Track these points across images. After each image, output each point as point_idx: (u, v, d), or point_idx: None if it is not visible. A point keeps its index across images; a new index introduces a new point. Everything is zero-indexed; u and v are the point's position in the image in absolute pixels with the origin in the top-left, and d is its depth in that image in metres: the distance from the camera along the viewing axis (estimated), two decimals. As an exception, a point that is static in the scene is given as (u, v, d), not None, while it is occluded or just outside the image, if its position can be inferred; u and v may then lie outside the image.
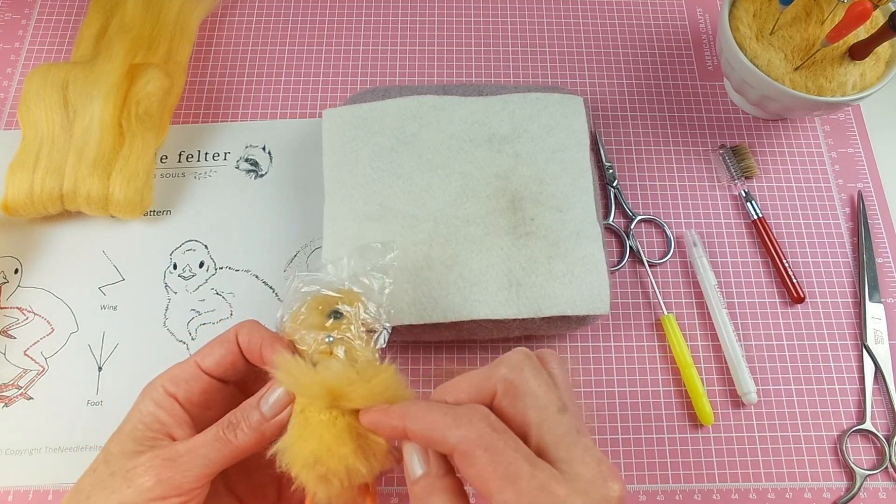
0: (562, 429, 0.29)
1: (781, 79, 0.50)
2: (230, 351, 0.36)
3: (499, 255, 0.46)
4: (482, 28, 0.61)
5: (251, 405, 0.35)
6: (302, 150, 0.55)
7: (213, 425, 0.34)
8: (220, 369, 0.36)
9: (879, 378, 0.49)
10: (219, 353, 0.36)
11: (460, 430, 0.28)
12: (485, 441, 0.28)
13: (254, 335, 0.36)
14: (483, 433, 0.28)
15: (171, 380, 0.35)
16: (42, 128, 0.50)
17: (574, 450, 0.28)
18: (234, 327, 0.37)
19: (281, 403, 0.34)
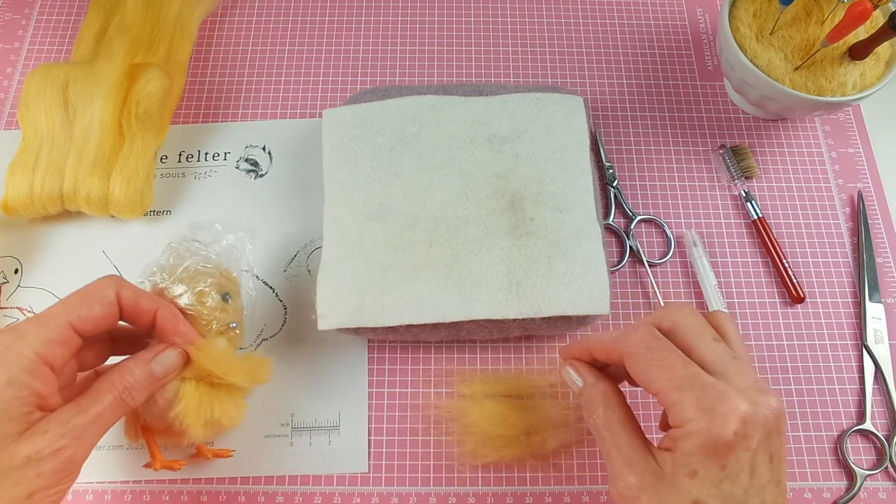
0: (717, 351, 0.33)
1: (781, 79, 0.50)
2: (110, 313, 0.35)
3: (499, 255, 0.46)
4: (482, 28, 0.61)
5: (142, 367, 0.36)
6: (302, 150, 0.55)
7: (103, 388, 0.34)
8: (94, 330, 0.35)
9: (879, 378, 0.49)
10: (97, 313, 0.35)
11: (628, 339, 0.34)
12: (646, 343, 0.34)
13: (143, 299, 0.37)
14: (645, 338, 0.34)
15: (45, 344, 0.32)
16: (42, 128, 0.50)
17: (730, 366, 0.32)
18: (109, 284, 0.36)
19: (174, 366, 0.38)
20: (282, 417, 0.47)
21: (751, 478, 0.30)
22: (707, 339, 0.34)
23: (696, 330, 0.34)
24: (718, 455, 0.30)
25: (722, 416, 0.30)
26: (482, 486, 0.45)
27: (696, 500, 0.30)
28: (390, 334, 0.46)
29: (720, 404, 0.30)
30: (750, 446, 0.30)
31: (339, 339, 0.49)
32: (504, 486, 0.45)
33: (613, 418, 0.34)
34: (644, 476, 0.32)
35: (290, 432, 0.46)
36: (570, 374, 0.38)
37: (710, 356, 0.33)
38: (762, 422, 0.30)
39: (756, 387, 0.32)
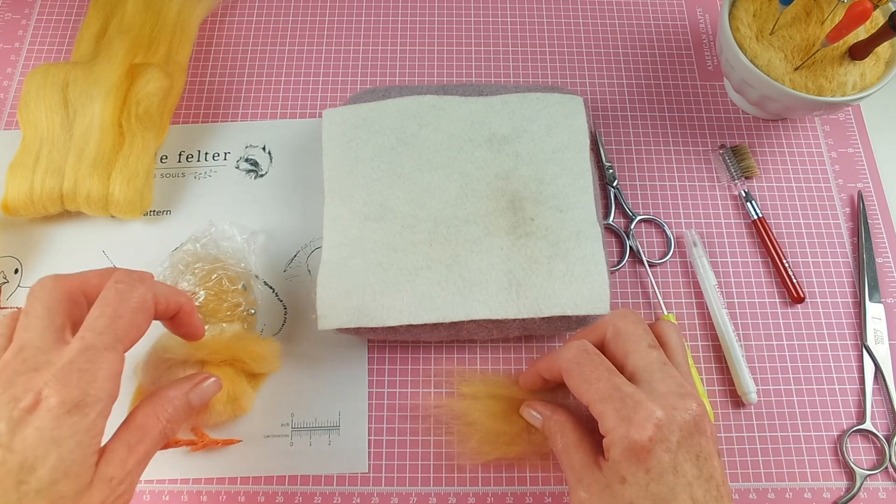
0: (648, 359, 0.35)
1: (781, 79, 0.50)
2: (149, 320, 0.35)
3: (499, 256, 0.46)
4: (482, 28, 0.61)
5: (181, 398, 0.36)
6: (302, 150, 0.55)
7: (148, 423, 0.34)
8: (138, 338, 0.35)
9: (879, 378, 0.49)
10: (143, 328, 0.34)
11: (561, 355, 0.37)
12: (576, 359, 0.36)
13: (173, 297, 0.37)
14: (575, 354, 0.37)
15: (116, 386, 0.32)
16: (42, 128, 0.50)
17: (657, 373, 0.35)
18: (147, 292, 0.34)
19: (210, 396, 0.39)
20: (282, 417, 0.47)
21: (675, 476, 0.32)
22: (642, 346, 0.36)
23: (634, 337, 0.37)
24: (640, 459, 0.32)
25: (638, 423, 0.32)
26: (482, 486, 0.45)
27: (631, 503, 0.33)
28: (390, 334, 0.46)
29: (635, 413, 0.33)
30: (670, 448, 0.32)
31: (339, 339, 0.49)
32: (504, 486, 0.45)
33: (568, 442, 0.37)
34: (591, 488, 0.34)
35: (290, 432, 0.46)
36: (530, 414, 0.40)
37: (640, 363, 0.35)
38: (679, 424, 0.33)
39: (677, 392, 0.34)
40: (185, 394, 0.37)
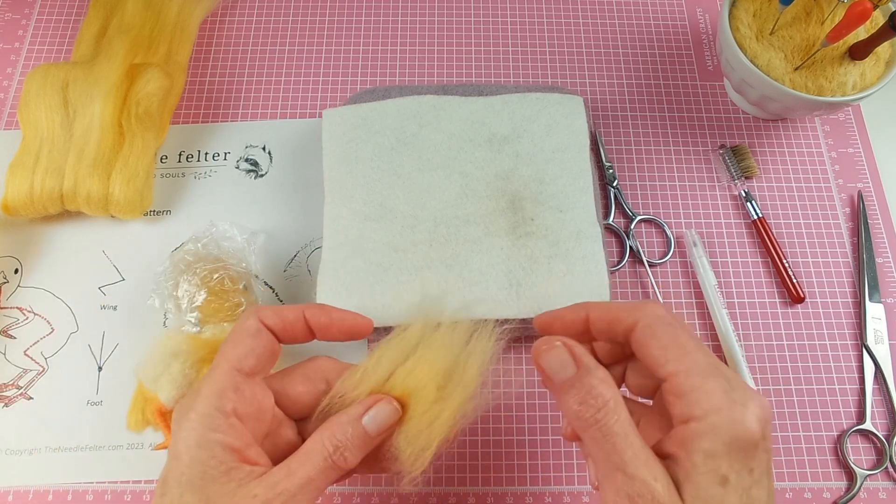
0: (706, 349, 0.29)
1: (781, 79, 0.50)
2: (264, 341, 0.33)
3: (499, 255, 0.46)
4: (482, 28, 0.61)
5: (354, 424, 0.32)
6: (302, 150, 0.55)
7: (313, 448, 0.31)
8: (261, 363, 0.33)
9: (879, 378, 0.49)
10: (251, 346, 0.32)
11: (644, 308, 0.30)
12: (666, 317, 0.30)
13: (285, 311, 0.34)
14: (664, 312, 0.30)
15: (219, 395, 0.30)
16: (42, 128, 0.50)
17: (723, 366, 0.29)
18: (248, 316, 0.33)
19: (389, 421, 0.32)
20: (282, 417, 0.47)
21: (769, 483, 0.27)
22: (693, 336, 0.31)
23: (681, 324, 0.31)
24: (747, 455, 0.26)
25: (752, 410, 0.26)
26: (482, 486, 0.45)
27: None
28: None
29: (748, 397, 0.27)
30: (768, 447, 0.27)
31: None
32: (504, 486, 0.45)
33: (625, 417, 0.28)
34: (669, 489, 0.26)
35: (290, 432, 0.46)
36: (561, 356, 0.29)
37: (705, 352, 0.29)
38: (770, 423, 0.28)
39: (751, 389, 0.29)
40: (356, 419, 0.32)
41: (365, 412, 0.32)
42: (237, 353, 0.32)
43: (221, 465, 0.29)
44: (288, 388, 0.34)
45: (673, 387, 0.28)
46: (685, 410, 0.27)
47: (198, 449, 0.29)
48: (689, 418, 0.27)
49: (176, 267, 0.46)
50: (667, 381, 0.28)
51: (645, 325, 0.29)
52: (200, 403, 0.30)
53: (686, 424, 0.27)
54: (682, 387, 0.27)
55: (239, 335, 0.33)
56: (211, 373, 0.32)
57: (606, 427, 0.28)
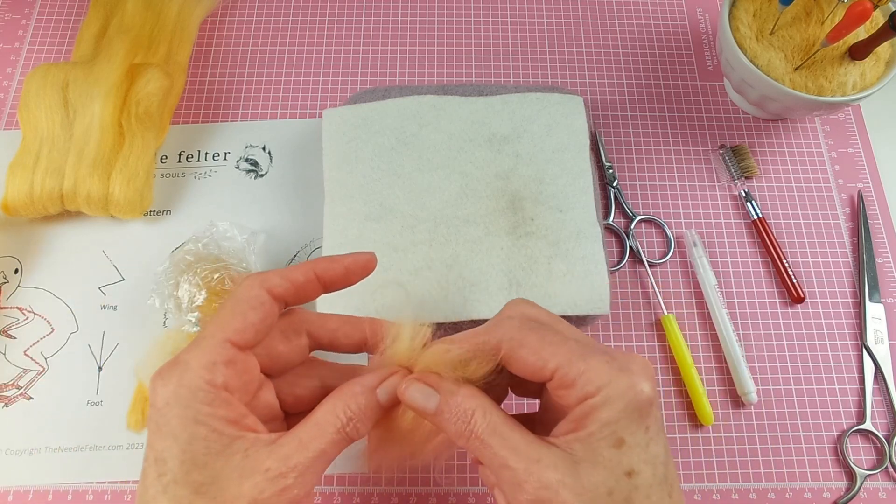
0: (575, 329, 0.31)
1: (781, 79, 0.50)
2: (268, 313, 0.31)
3: (499, 256, 0.46)
4: (482, 28, 0.61)
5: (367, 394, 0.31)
6: (302, 150, 0.55)
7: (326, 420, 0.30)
8: (259, 337, 0.31)
9: (879, 378, 0.49)
10: (253, 319, 0.30)
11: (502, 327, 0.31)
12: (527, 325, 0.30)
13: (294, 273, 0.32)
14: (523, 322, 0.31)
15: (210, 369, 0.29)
16: (42, 128, 0.50)
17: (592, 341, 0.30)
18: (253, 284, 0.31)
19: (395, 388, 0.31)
20: (282, 417, 0.47)
21: (665, 437, 0.29)
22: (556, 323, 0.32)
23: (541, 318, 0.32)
24: (642, 416, 0.28)
25: (639, 373, 0.28)
26: (482, 486, 0.45)
27: (630, 471, 0.27)
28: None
29: (632, 363, 0.28)
30: (658, 405, 0.29)
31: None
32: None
33: (496, 420, 0.29)
34: (558, 467, 0.27)
35: (290, 432, 0.46)
36: (420, 392, 0.30)
37: (574, 333, 0.31)
38: (655, 379, 0.29)
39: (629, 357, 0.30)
40: (370, 389, 0.31)
41: (380, 382, 0.31)
42: (235, 325, 0.30)
43: (223, 437, 0.28)
44: (268, 349, 0.32)
45: (560, 381, 0.29)
46: (580, 394, 0.28)
47: (196, 425, 0.28)
48: (585, 398, 0.28)
49: (176, 267, 0.46)
50: (553, 378, 0.29)
51: (510, 341, 0.30)
52: (190, 377, 0.29)
53: (582, 404, 0.28)
54: (568, 376, 0.28)
55: (240, 305, 0.31)
56: (200, 343, 0.30)
57: (479, 434, 0.29)
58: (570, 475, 0.27)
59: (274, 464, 0.28)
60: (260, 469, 0.28)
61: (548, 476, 0.27)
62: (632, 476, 0.27)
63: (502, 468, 0.28)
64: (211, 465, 0.28)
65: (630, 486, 0.27)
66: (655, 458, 0.28)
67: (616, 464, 0.27)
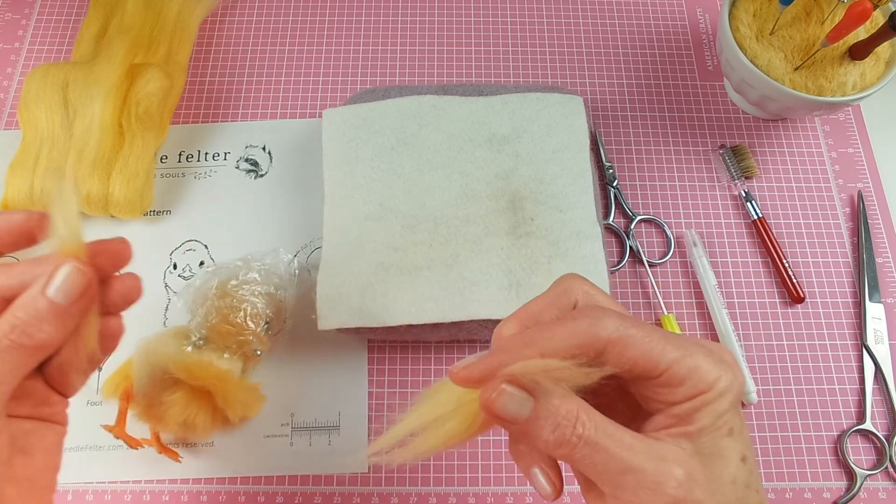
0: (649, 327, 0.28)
1: (781, 79, 0.50)
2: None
3: (499, 255, 0.46)
4: (482, 28, 0.61)
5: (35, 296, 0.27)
6: (302, 150, 0.55)
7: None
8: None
9: (879, 378, 0.49)
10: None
11: (606, 323, 0.27)
12: (630, 322, 0.27)
13: None
14: (624, 319, 0.28)
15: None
16: (42, 128, 0.50)
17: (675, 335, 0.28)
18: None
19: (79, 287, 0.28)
20: (282, 417, 0.47)
21: None
22: (641, 320, 0.31)
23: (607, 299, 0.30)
24: (739, 405, 0.28)
25: (734, 365, 0.28)
26: (482, 486, 0.45)
27: (744, 456, 0.27)
28: (390, 334, 0.46)
29: (725, 355, 0.28)
30: None
31: (339, 339, 0.49)
32: (504, 486, 0.45)
33: (601, 420, 0.27)
34: (681, 462, 0.26)
35: (290, 432, 0.46)
36: (514, 399, 0.26)
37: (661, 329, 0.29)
38: None
39: None
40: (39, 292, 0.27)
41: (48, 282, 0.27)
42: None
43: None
44: None
45: (668, 379, 0.27)
46: (689, 391, 0.27)
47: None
48: (695, 394, 0.27)
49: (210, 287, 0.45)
50: (660, 377, 0.27)
51: (618, 340, 0.27)
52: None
53: (691, 401, 0.27)
54: (678, 375, 0.27)
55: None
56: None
57: (590, 438, 0.26)
58: (697, 469, 0.26)
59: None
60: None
61: (677, 473, 0.26)
62: (745, 461, 0.27)
63: (624, 473, 0.26)
64: None
65: (746, 470, 0.27)
66: (750, 441, 0.28)
67: (733, 451, 0.27)
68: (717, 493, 0.26)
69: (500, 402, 0.26)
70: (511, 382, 0.26)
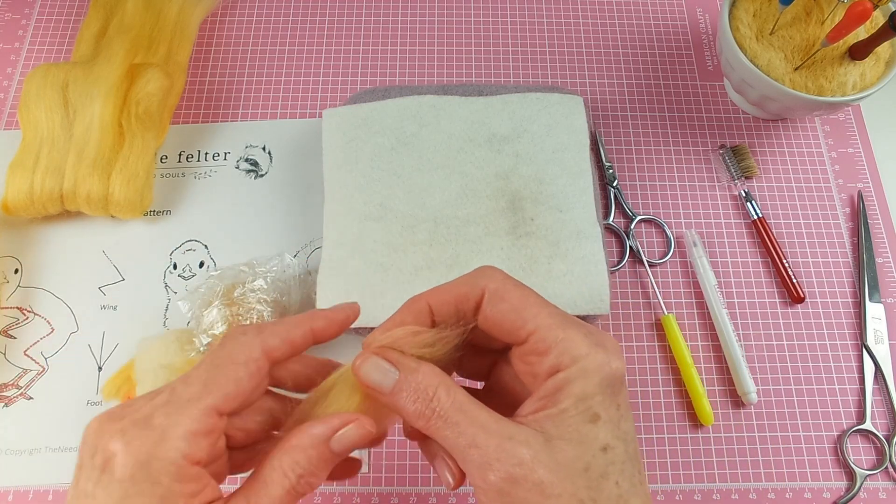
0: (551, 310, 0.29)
1: (781, 79, 0.50)
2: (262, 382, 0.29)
3: (499, 255, 0.46)
4: (482, 28, 0.61)
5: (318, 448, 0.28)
6: (302, 150, 0.55)
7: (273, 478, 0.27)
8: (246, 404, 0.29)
9: (879, 378, 0.49)
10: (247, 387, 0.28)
11: (487, 275, 0.29)
12: (512, 280, 0.29)
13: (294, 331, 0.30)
14: (506, 275, 0.29)
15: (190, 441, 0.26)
16: (42, 128, 0.50)
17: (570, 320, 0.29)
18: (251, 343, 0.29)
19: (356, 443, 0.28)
20: (282, 417, 0.47)
21: (632, 416, 0.28)
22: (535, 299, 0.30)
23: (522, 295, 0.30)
24: (615, 392, 0.27)
25: (613, 351, 0.28)
26: (482, 486, 0.45)
27: (605, 446, 0.26)
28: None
29: (607, 340, 0.28)
30: (626, 385, 0.28)
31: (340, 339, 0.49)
32: (504, 486, 0.45)
33: (461, 398, 0.27)
34: (531, 444, 0.26)
35: (290, 432, 0.46)
36: (377, 368, 0.28)
37: (550, 305, 0.29)
38: None
39: None
40: (322, 441, 0.28)
41: (333, 433, 0.28)
42: (226, 390, 0.27)
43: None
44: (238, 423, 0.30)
45: (534, 345, 0.28)
46: (553, 363, 0.27)
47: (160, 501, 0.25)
48: (559, 369, 0.27)
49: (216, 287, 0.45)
50: (527, 342, 0.28)
51: (493, 291, 0.29)
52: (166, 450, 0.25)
53: (554, 376, 0.27)
54: (545, 342, 0.27)
55: (234, 368, 0.28)
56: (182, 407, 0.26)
57: (443, 412, 0.27)
58: (545, 451, 0.26)
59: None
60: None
61: (521, 453, 0.26)
62: (607, 451, 0.27)
63: (470, 448, 0.26)
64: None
65: (606, 460, 0.26)
66: (627, 434, 0.27)
67: (592, 438, 0.26)
68: (565, 477, 0.26)
69: (364, 368, 0.28)
70: (379, 354, 0.28)
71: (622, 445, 0.27)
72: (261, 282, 0.46)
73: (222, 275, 0.46)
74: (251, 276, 0.46)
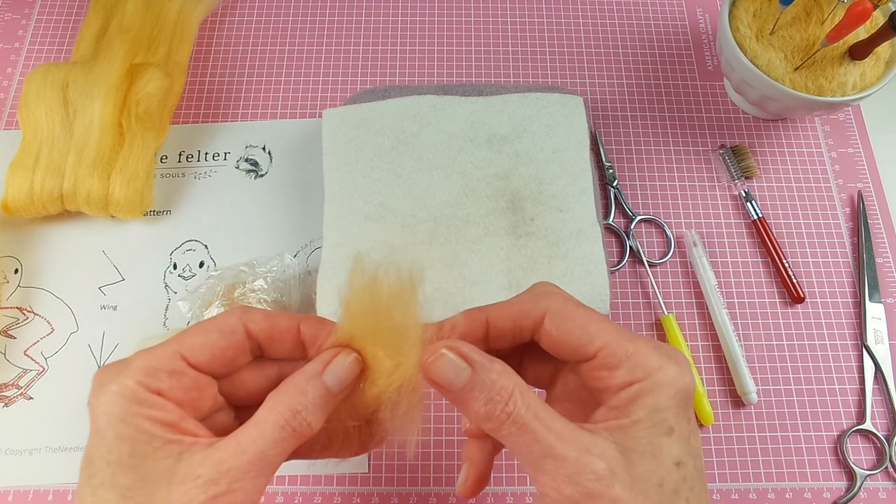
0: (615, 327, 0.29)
1: (781, 79, 0.50)
2: (232, 343, 0.29)
3: (499, 256, 0.46)
4: (482, 28, 0.61)
5: (313, 382, 0.28)
6: (302, 150, 0.55)
7: (266, 417, 0.27)
8: (214, 363, 0.29)
9: (879, 378, 0.49)
10: (213, 342, 0.29)
11: (547, 298, 0.29)
12: (572, 300, 0.29)
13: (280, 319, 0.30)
14: (566, 295, 0.29)
15: (148, 372, 0.27)
16: (42, 128, 0.50)
17: (637, 336, 0.28)
18: (232, 313, 0.30)
19: (351, 376, 0.28)
20: (282, 417, 0.47)
21: (698, 432, 0.28)
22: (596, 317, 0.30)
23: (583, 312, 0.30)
24: (687, 406, 0.27)
25: (684, 365, 0.27)
26: (482, 486, 0.45)
27: (679, 461, 0.26)
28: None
29: (676, 354, 0.27)
30: (693, 400, 0.28)
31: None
32: (504, 486, 0.45)
33: (536, 403, 0.26)
34: (606, 457, 0.25)
35: (290, 432, 0.46)
36: (451, 365, 0.26)
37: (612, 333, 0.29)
38: None
39: None
40: (315, 375, 0.28)
41: (324, 367, 0.28)
42: (193, 341, 0.28)
43: (154, 440, 0.26)
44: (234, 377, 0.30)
45: (603, 361, 0.27)
46: (626, 377, 0.27)
47: (122, 424, 0.26)
48: (632, 382, 0.27)
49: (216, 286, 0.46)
50: (596, 358, 0.27)
51: (556, 312, 0.28)
52: (126, 376, 0.26)
53: (626, 389, 0.26)
54: (615, 356, 0.27)
55: (208, 326, 0.29)
56: (154, 348, 0.28)
57: (519, 417, 0.26)
58: (621, 465, 0.25)
59: (205, 470, 0.25)
60: (191, 475, 0.26)
61: (599, 467, 0.25)
62: (679, 467, 0.26)
63: (546, 458, 0.25)
64: (138, 469, 0.26)
65: (679, 476, 0.26)
66: (696, 450, 0.27)
67: (667, 453, 0.26)
68: (640, 493, 0.25)
69: (436, 366, 0.27)
70: (452, 349, 0.27)
71: (692, 461, 0.26)
72: (261, 282, 0.46)
73: (222, 275, 0.46)
74: (251, 276, 0.46)
